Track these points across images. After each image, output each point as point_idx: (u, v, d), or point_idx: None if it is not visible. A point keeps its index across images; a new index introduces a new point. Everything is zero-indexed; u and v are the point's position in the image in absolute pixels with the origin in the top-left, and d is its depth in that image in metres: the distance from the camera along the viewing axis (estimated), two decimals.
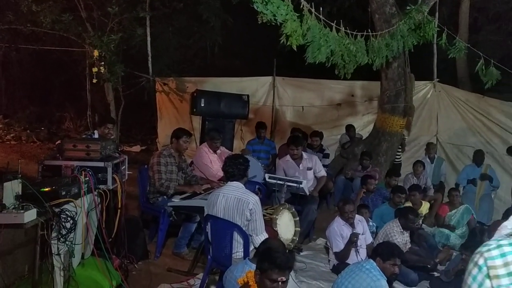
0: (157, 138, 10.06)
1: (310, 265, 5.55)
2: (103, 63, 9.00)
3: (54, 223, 3.37)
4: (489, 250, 1.28)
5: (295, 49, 4.40)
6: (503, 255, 1.23)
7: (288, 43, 4.28)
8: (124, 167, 4.57)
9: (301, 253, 5.89)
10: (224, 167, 4.14)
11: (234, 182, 4.06)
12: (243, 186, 4.08)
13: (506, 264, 1.21)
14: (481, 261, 1.28)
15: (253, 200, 3.94)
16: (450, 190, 7.19)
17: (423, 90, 9.04)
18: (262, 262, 2.88)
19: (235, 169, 4.07)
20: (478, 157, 8.07)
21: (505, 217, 6.44)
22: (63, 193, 3.54)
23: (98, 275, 3.97)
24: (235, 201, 3.95)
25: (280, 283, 2.78)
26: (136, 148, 11.55)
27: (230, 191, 4.02)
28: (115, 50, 9.27)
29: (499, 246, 1.26)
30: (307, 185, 6.05)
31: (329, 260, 5.55)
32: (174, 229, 5.39)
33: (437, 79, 9.03)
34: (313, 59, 4.69)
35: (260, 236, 3.88)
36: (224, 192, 4.05)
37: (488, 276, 1.23)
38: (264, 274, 2.82)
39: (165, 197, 5.20)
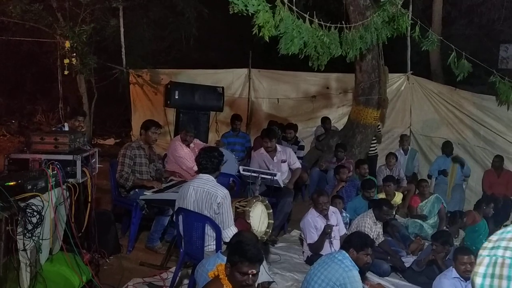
0: (131, 131, 9.92)
1: (284, 257, 5.56)
2: (75, 54, 8.82)
3: (19, 218, 3.28)
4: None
5: (267, 40, 4.35)
6: None
7: (260, 34, 4.24)
8: (94, 160, 4.48)
9: (276, 245, 5.93)
10: (198, 158, 4.10)
11: (205, 175, 4.03)
12: (214, 179, 4.05)
13: None
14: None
15: (222, 194, 3.91)
16: (420, 181, 7.30)
17: (397, 82, 9.13)
18: (233, 255, 2.85)
19: (208, 162, 4.04)
20: (447, 147, 8.21)
21: (477, 207, 6.58)
22: (29, 187, 3.45)
23: (67, 270, 3.89)
24: (204, 194, 3.92)
25: (250, 275, 2.77)
26: (110, 141, 11.39)
27: (201, 184, 3.99)
28: (87, 41, 9.08)
29: None
30: (281, 177, 6.05)
31: (303, 252, 5.58)
32: (147, 222, 5.34)
33: (411, 72, 9.11)
34: (286, 50, 4.66)
35: (227, 230, 3.86)
36: (194, 185, 4.02)
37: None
38: (234, 267, 2.80)
39: (137, 190, 5.13)
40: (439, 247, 5.20)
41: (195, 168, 5.62)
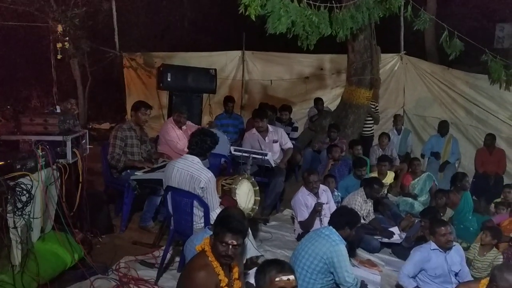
0: (126, 115, 9.95)
1: (276, 235, 5.65)
2: (67, 38, 8.79)
3: (8, 196, 3.34)
4: None
5: (254, 19, 4.37)
6: None
7: (247, 13, 4.25)
8: (84, 141, 4.53)
9: (268, 224, 6.01)
10: (191, 138, 4.13)
11: (191, 156, 4.07)
12: (200, 161, 4.08)
13: None
14: None
15: (206, 178, 3.95)
16: (412, 159, 7.35)
17: (390, 62, 9.13)
18: (216, 226, 2.92)
19: (198, 144, 4.07)
20: (443, 127, 8.24)
21: (452, 186, 6.62)
22: (18, 166, 3.51)
23: (59, 248, 3.97)
24: (188, 177, 3.97)
25: (230, 246, 2.83)
26: (106, 126, 11.40)
27: (185, 165, 4.03)
28: (80, 25, 9.05)
29: None
30: (273, 157, 6.11)
31: (294, 230, 5.66)
32: (140, 203, 5.40)
33: (404, 52, 9.11)
34: (274, 29, 4.68)
35: (212, 213, 3.90)
36: (178, 166, 4.06)
37: None
38: (217, 238, 2.86)
39: (128, 171, 5.18)
40: (427, 223, 5.27)
41: (186, 150, 5.70)
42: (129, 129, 5.31)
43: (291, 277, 2.38)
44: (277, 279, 2.34)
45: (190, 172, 3.96)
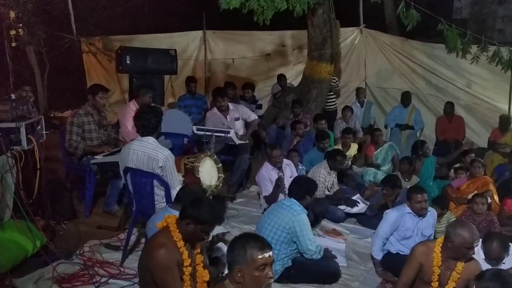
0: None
1: (243, 211, 5.71)
2: (21, 25, 8.52)
3: None
4: None
5: None
6: None
7: None
8: (40, 127, 4.44)
9: (234, 201, 6.06)
10: (136, 121, 4.07)
11: (145, 137, 4.03)
12: (155, 140, 4.05)
13: None
14: None
15: (163, 156, 3.93)
16: (373, 130, 7.48)
17: (350, 36, 9.21)
18: (202, 215, 2.87)
19: (146, 122, 4.01)
20: (406, 98, 8.38)
21: (414, 153, 6.79)
22: None
23: (19, 236, 3.92)
24: (145, 158, 3.95)
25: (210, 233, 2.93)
26: (68, 113, 11.13)
27: (141, 147, 3.99)
28: (34, 11, 8.77)
29: None
30: (236, 135, 6.12)
31: (260, 205, 5.72)
32: (104, 188, 5.35)
33: (364, 25, 9.19)
34: (227, 5, 4.67)
35: (172, 191, 3.90)
36: (134, 148, 4.02)
37: None
38: (200, 226, 2.86)
39: (89, 156, 5.10)
40: (389, 191, 5.42)
41: None
42: (85, 114, 5.21)
43: (271, 253, 2.40)
44: (259, 256, 2.33)
45: (147, 152, 3.93)
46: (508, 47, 7.70)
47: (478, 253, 3.75)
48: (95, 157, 4.90)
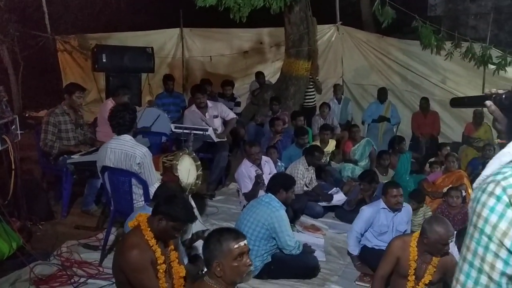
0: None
1: (222, 209, 5.72)
2: None
3: None
4: (505, 178, 1.10)
5: None
6: None
7: None
8: (14, 126, 4.37)
9: (214, 199, 6.06)
10: (110, 120, 4.04)
11: (122, 135, 4.00)
12: (132, 138, 4.03)
13: None
14: (498, 191, 1.09)
15: (141, 153, 3.92)
16: (351, 126, 7.57)
17: (327, 33, 9.27)
18: (175, 211, 2.86)
19: (120, 122, 3.98)
20: (382, 94, 8.51)
21: (390, 148, 6.91)
22: None
23: None
24: (122, 155, 3.92)
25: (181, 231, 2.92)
26: (43, 113, 10.96)
27: (118, 145, 3.97)
28: (6, 8, 8.59)
29: None
30: (215, 133, 6.12)
31: (240, 202, 5.74)
32: (81, 187, 5.30)
33: (340, 22, 9.26)
34: (203, 2, 4.66)
35: (151, 188, 3.89)
36: (111, 147, 3.99)
37: (509, 205, 1.07)
38: (171, 223, 2.85)
39: (65, 156, 5.05)
40: (366, 186, 5.50)
41: None
42: (62, 114, 5.15)
43: (246, 241, 2.44)
44: (235, 246, 2.37)
45: (124, 150, 3.91)
46: (480, 43, 7.87)
47: (453, 248, 3.85)
48: (72, 156, 4.84)
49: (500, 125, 1.28)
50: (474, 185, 1.22)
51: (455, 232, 4.01)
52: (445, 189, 5.56)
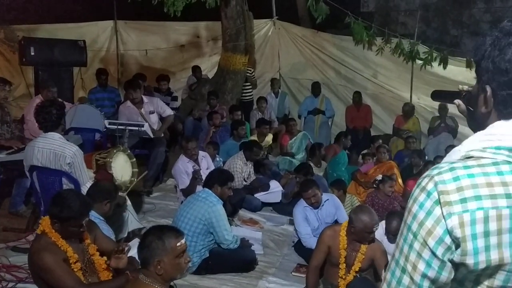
0: None
1: (160, 205, 5.67)
2: None
3: None
4: (440, 173, 1.02)
5: None
6: (456, 178, 1.00)
7: None
8: None
9: (151, 195, 5.98)
10: (36, 117, 3.87)
11: (50, 133, 3.84)
12: (61, 136, 3.89)
13: (459, 189, 0.98)
14: (430, 186, 1.02)
15: (70, 152, 3.78)
16: (288, 120, 7.74)
17: (264, 28, 9.37)
18: (63, 212, 2.74)
19: (46, 119, 3.80)
20: (315, 88, 8.75)
21: (337, 140, 7.16)
22: None
23: None
24: (51, 155, 3.77)
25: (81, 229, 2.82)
26: None
27: (46, 143, 3.81)
28: None
29: (451, 169, 1.01)
30: (150, 128, 6.02)
31: (178, 198, 5.70)
32: (9, 187, 5.05)
33: (277, 17, 9.38)
34: None
35: (83, 188, 3.78)
36: (39, 146, 3.83)
37: (438, 202, 1.00)
38: (66, 223, 2.75)
39: None
40: (302, 179, 5.63)
41: None
42: None
43: (184, 238, 2.46)
44: (178, 244, 2.38)
45: (53, 149, 3.76)
46: (409, 39, 8.25)
47: (381, 235, 4.05)
48: None
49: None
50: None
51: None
52: (378, 177, 5.75)
